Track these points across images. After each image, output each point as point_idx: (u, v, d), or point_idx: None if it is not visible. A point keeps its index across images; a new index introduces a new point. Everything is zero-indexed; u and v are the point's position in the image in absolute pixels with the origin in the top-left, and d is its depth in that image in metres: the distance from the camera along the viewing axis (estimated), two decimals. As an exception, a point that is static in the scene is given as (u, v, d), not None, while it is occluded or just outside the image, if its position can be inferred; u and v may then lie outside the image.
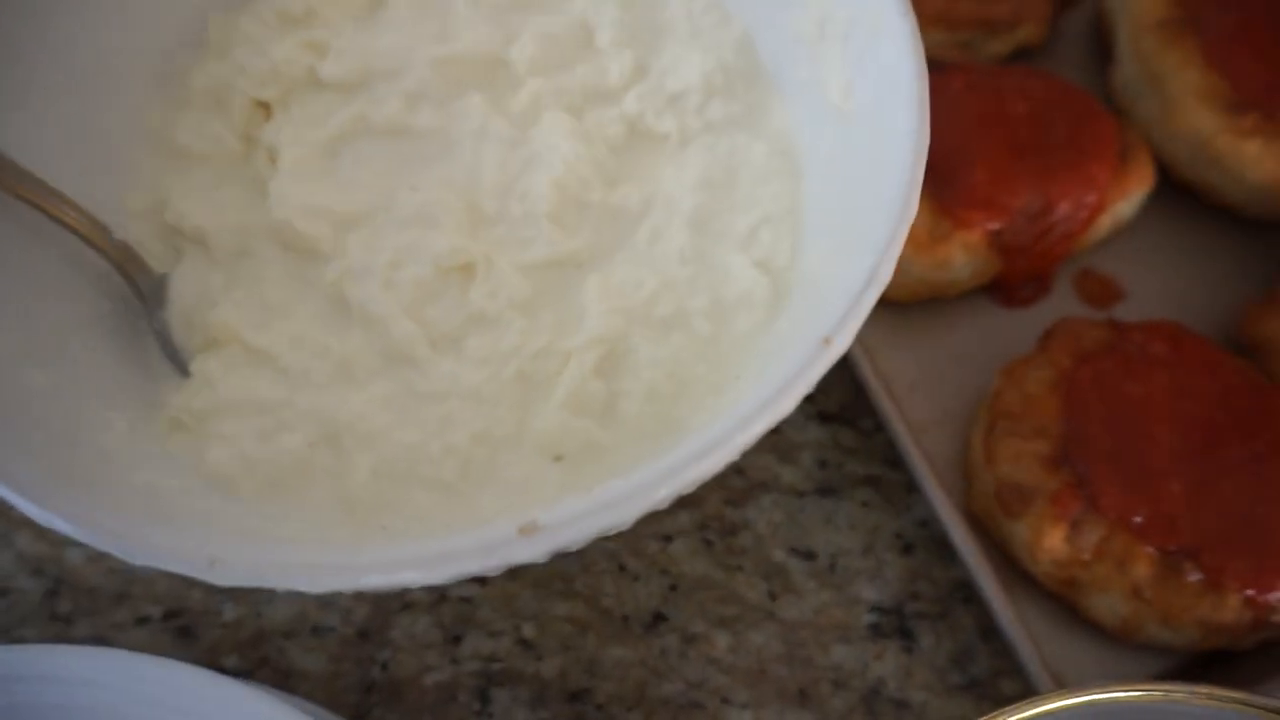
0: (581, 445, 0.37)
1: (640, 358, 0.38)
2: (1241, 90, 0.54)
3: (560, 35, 0.45)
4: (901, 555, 0.50)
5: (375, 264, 0.41)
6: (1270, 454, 0.45)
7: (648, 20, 0.46)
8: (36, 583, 0.49)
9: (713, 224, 0.43)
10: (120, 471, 0.33)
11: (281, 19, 0.45)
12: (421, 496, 0.36)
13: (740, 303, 0.40)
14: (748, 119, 0.45)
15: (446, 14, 0.46)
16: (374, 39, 0.45)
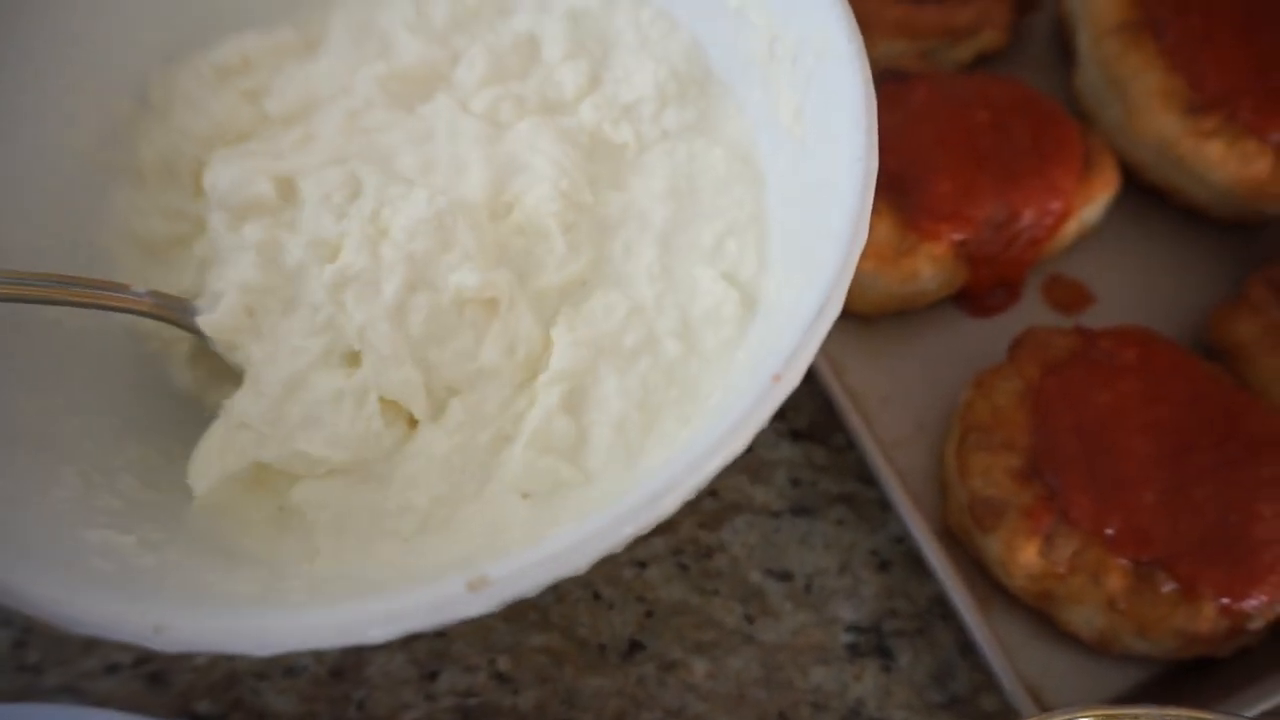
0: (550, 484, 0.36)
1: (608, 388, 0.38)
2: (1203, 92, 0.54)
3: (509, 50, 0.45)
4: (878, 573, 0.50)
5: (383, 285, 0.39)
6: (1242, 460, 0.45)
7: (595, 32, 0.46)
8: (4, 633, 0.49)
9: (680, 236, 0.42)
10: (68, 527, 0.32)
11: (219, 72, 0.44)
12: (381, 546, 0.35)
13: (708, 319, 0.39)
14: (703, 125, 0.44)
15: (386, 41, 0.45)
16: (314, 67, 0.45)
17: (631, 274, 0.41)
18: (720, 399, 0.37)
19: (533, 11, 0.46)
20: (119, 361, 0.43)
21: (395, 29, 0.45)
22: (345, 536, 0.36)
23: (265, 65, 0.45)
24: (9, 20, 0.41)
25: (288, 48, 0.45)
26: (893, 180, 0.52)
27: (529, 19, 0.45)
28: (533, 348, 0.39)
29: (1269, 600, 0.43)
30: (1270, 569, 0.43)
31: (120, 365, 0.43)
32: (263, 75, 0.44)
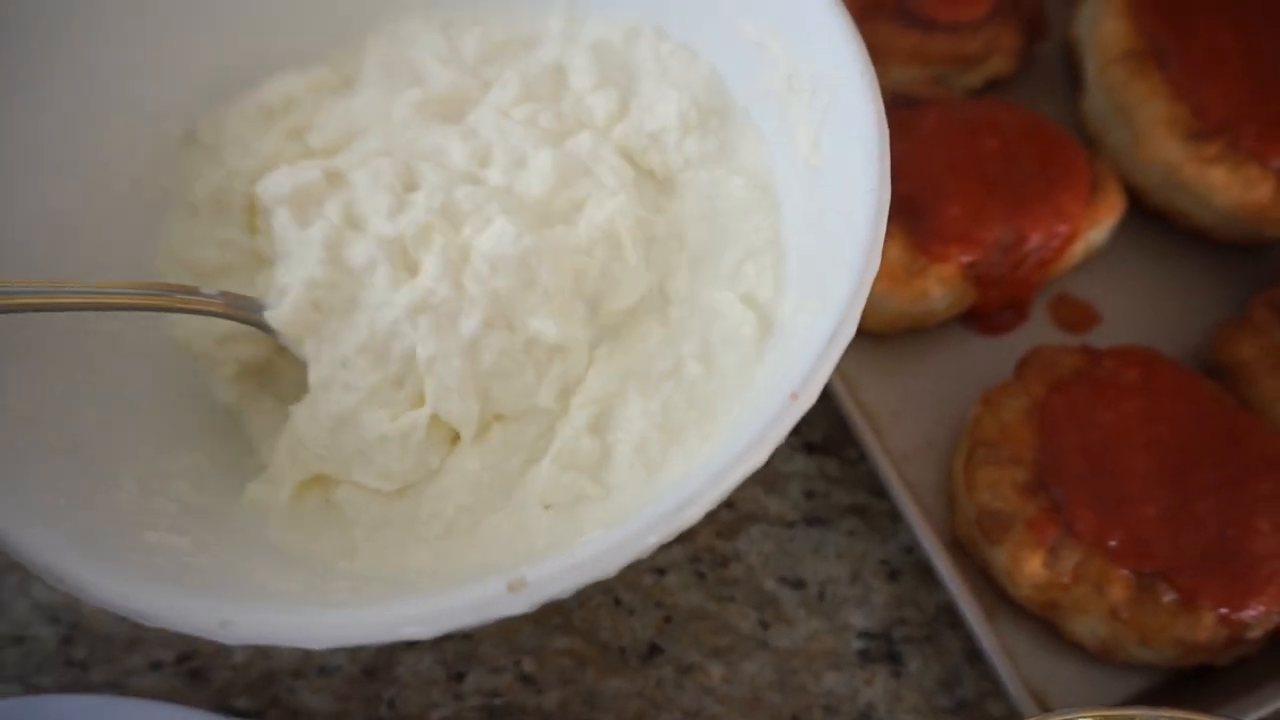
0: (571, 498, 0.38)
1: (633, 410, 0.40)
2: (1205, 119, 0.55)
3: (539, 75, 0.47)
4: (888, 582, 0.52)
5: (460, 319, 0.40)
6: (1241, 477, 0.47)
7: (619, 63, 0.48)
8: (52, 630, 0.51)
9: (703, 260, 0.44)
10: (132, 530, 0.35)
11: (264, 112, 0.47)
12: (413, 549, 0.38)
13: (728, 340, 0.41)
14: (723, 154, 0.46)
15: (418, 72, 0.48)
16: (352, 102, 0.47)
17: (668, 297, 0.43)
18: (739, 416, 0.39)
19: (559, 43, 0.48)
20: (170, 375, 0.45)
21: (426, 62, 0.47)
22: (382, 538, 0.39)
23: (306, 103, 0.47)
24: (74, 56, 0.43)
25: (326, 85, 0.48)
26: (904, 204, 0.54)
27: (555, 49, 0.48)
28: (579, 377, 0.41)
29: (1266, 611, 0.44)
30: (1267, 581, 0.44)
31: (171, 378, 0.45)
32: (304, 113, 0.47)
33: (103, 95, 0.45)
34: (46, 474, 0.36)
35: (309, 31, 0.49)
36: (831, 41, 0.38)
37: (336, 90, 0.48)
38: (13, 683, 0.49)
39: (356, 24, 0.49)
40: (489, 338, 0.39)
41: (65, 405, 0.39)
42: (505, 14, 0.49)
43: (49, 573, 0.31)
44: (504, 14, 0.49)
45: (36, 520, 0.33)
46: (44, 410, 0.38)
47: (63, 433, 0.38)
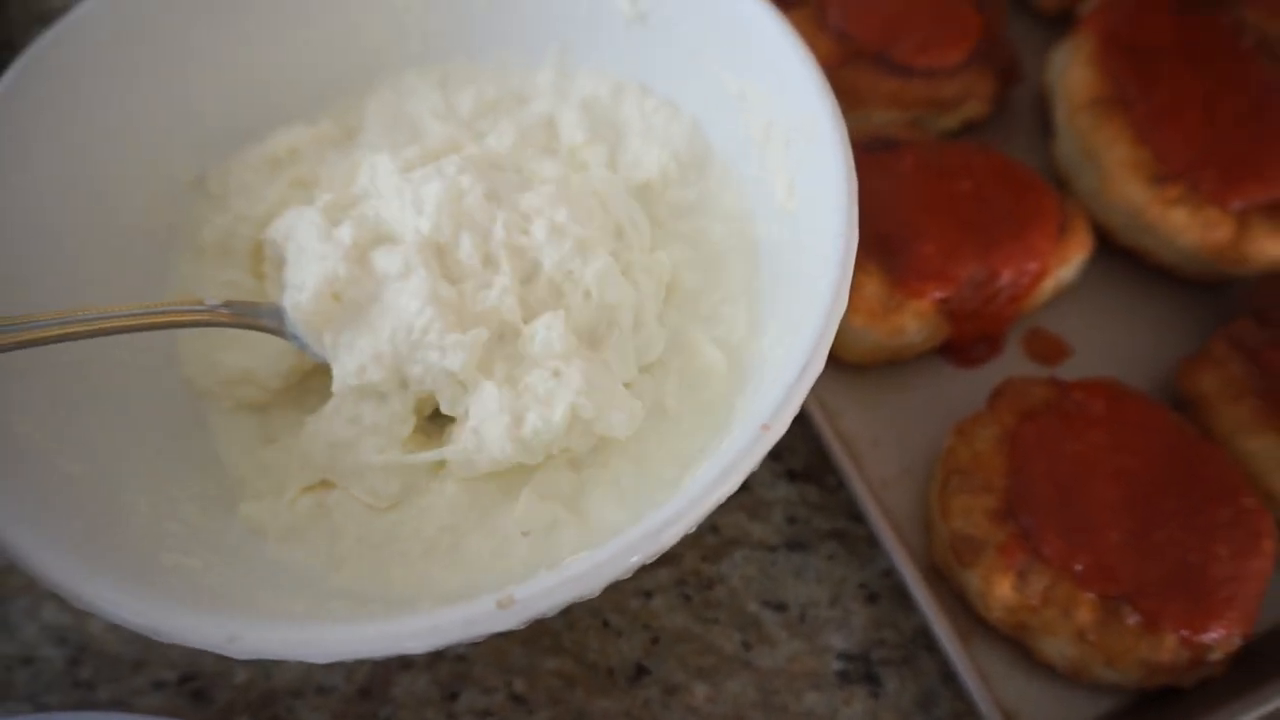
0: (548, 524, 0.40)
1: (612, 447, 0.42)
2: (1167, 163, 0.58)
3: (533, 127, 0.50)
4: (867, 605, 0.54)
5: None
6: (1202, 504, 0.49)
7: (606, 119, 0.51)
8: (60, 651, 0.53)
9: (684, 305, 0.47)
10: (145, 553, 0.37)
11: (270, 163, 0.50)
12: (396, 566, 0.40)
13: (702, 377, 0.44)
14: (704, 204, 0.49)
15: (417, 128, 0.51)
16: (351, 158, 0.50)
17: (645, 343, 0.46)
18: (716, 445, 0.41)
19: (550, 98, 0.51)
20: (179, 403, 0.48)
21: (423, 117, 0.50)
22: (367, 553, 0.41)
23: (310, 154, 0.50)
24: (92, 104, 0.46)
25: (329, 138, 0.51)
26: (881, 241, 0.57)
27: (547, 104, 0.51)
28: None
29: (1226, 634, 0.46)
30: (1226, 605, 0.46)
31: (180, 407, 0.48)
32: (309, 164, 0.50)
33: (116, 141, 0.48)
34: (64, 499, 0.38)
35: (313, 85, 0.52)
36: (805, 95, 0.41)
37: (339, 142, 0.51)
38: (22, 702, 0.51)
39: (358, 78, 0.52)
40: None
41: (80, 433, 0.41)
42: (499, 68, 0.52)
43: (68, 592, 0.33)
44: (498, 68, 0.52)
45: (56, 543, 0.35)
46: (61, 438, 0.40)
47: (78, 460, 0.40)
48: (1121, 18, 0.64)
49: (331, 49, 0.52)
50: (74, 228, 0.46)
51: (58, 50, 0.45)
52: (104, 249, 0.47)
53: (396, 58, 0.53)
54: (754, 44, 0.44)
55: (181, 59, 0.49)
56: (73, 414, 0.42)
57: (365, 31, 0.53)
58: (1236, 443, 0.53)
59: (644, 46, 0.51)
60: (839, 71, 0.66)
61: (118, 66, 0.47)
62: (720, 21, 0.46)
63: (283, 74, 0.51)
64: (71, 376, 0.43)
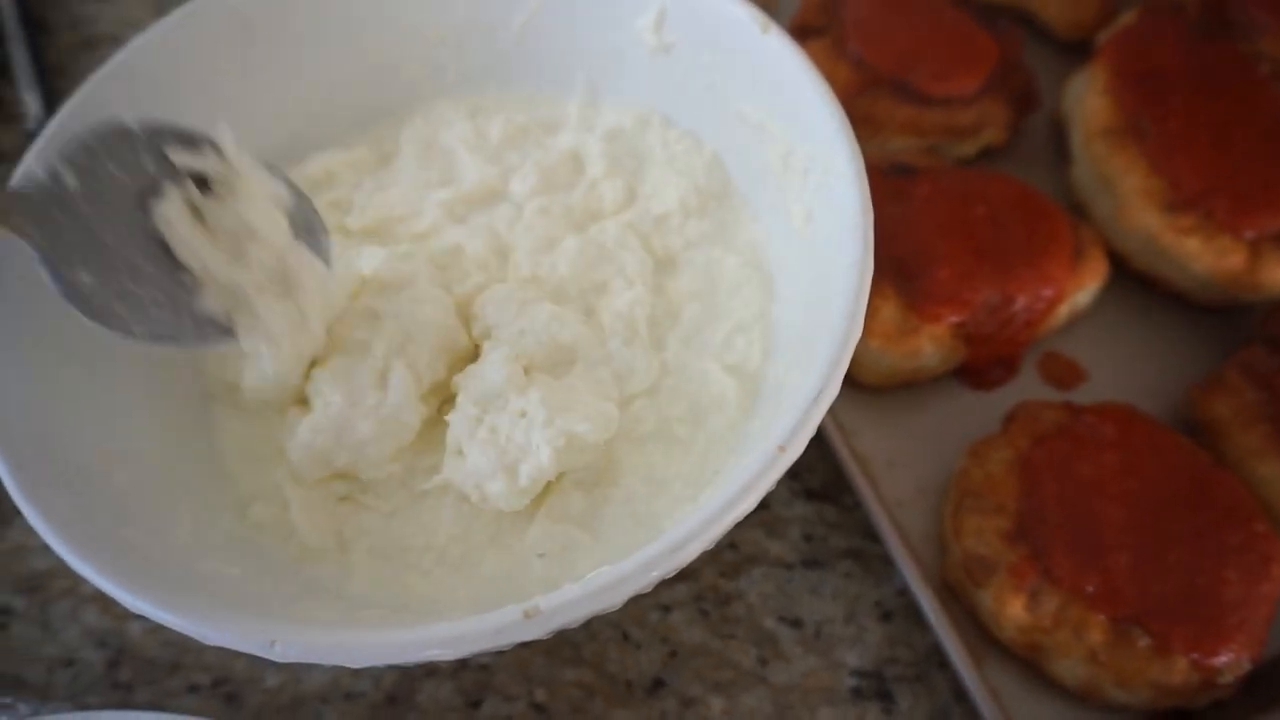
0: (563, 545, 0.42)
1: (622, 467, 0.44)
2: (1181, 191, 0.59)
3: (556, 166, 0.52)
4: (881, 622, 0.55)
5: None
6: (1212, 528, 0.50)
7: (629, 148, 0.53)
8: (100, 654, 0.55)
9: (697, 335, 0.49)
10: (190, 562, 0.39)
11: (308, 184, 0.52)
12: (412, 578, 0.41)
13: (715, 404, 0.46)
14: (720, 235, 0.51)
15: (449, 159, 0.53)
16: (387, 192, 0.52)
17: (648, 369, 0.47)
18: (732, 467, 0.43)
19: (577, 129, 0.53)
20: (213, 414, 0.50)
21: (456, 147, 0.53)
22: (379, 564, 0.42)
23: (347, 179, 0.52)
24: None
25: (364, 163, 0.53)
26: (898, 266, 0.58)
27: (573, 136, 0.53)
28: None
29: (1236, 657, 0.47)
30: (1237, 628, 0.47)
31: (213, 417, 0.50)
32: (345, 189, 0.52)
33: None
34: (115, 511, 0.40)
35: (352, 113, 0.54)
36: (824, 128, 0.43)
37: (374, 168, 0.53)
38: (64, 702, 0.53)
39: (394, 107, 0.54)
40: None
41: (126, 447, 0.44)
42: (528, 101, 0.54)
43: (121, 596, 0.35)
44: (527, 101, 0.54)
45: (108, 549, 0.37)
46: (110, 451, 0.43)
47: (126, 473, 0.42)
48: (1137, 47, 0.66)
49: (371, 81, 0.55)
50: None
51: (113, 83, 0.48)
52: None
53: (430, 89, 0.55)
54: (774, 77, 0.46)
55: (227, 94, 0.51)
56: (120, 427, 0.44)
57: (403, 65, 0.55)
58: (1248, 468, 0.53)
59: (668, 77, 0.53)
60: (857, 99, 0.67)
61: (165, 102, 0.49)
62: (742, 55, 0.48)
63: (325, 105, 0.54)
64: (118, 393, 0.45)
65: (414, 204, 0.51)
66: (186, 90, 0.51)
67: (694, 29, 0.50)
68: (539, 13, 0.54)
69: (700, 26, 0.49)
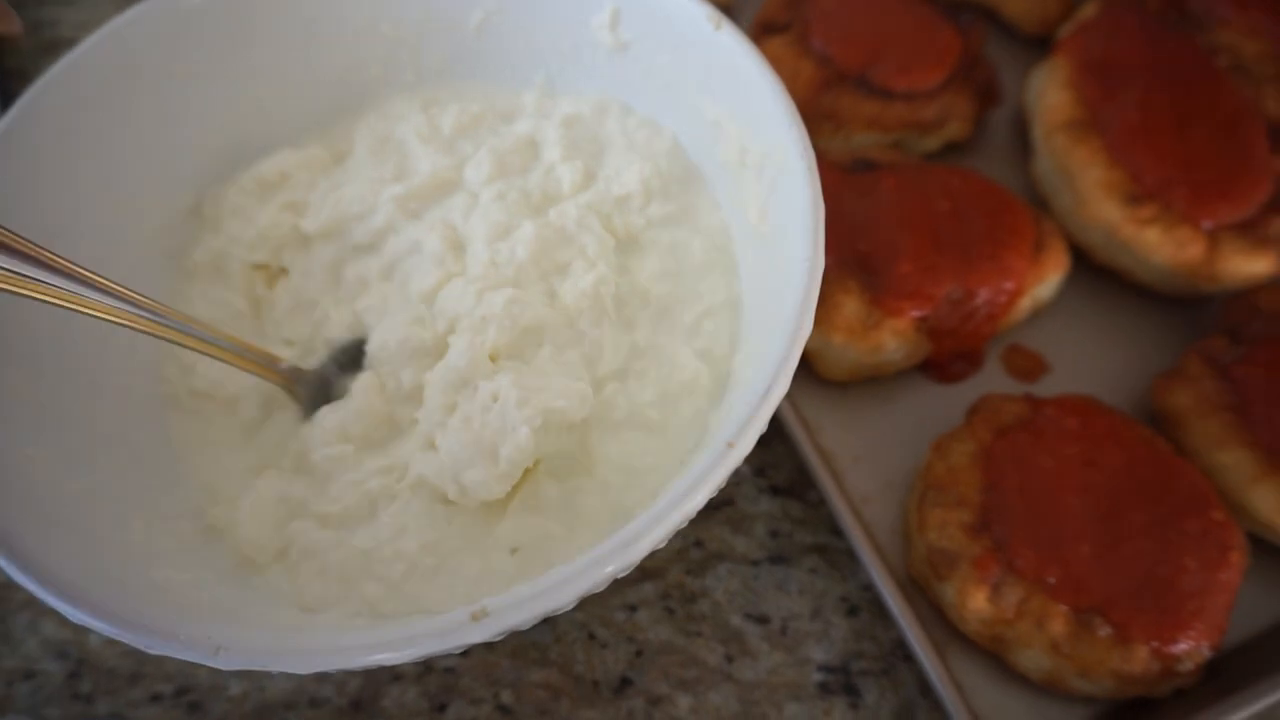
0: (537, 538, 0.42)
1: (595, 456, 0.43)
2: (1141, 183, 0.60)
3: (511, 151, 0.51)
4: (847, 617, 0.55)
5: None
6: (1171, 517, 0.50)
7: (588, 135, 0.52)
8: (60, 665, 0.54)
9: (666, 316, 0.48)
10: (139, 569, 0.38)
11: (261, 186, 0.52)
12: (370, 588, 0.41)
13: (685, 390, 0.45)
14: (683, 216, 0.50)
15: (403, 153, 0.52)
16: (341, 191, 0.51)
17: (626, 351, 0.47)
18: (693, 458, 0.43)
19: (533, 117, 0.53)
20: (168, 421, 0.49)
21: (409, 139, 0.52)
22: (330, 580, 0.42)
23: (301, 179, 0.52)
24: (97, 138, 0.48)
25: (318, 162, 0.52)
26: (861, 261, 0.58)
27: (530, 123, 0.52)
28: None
29: (1195, 644, 0.47)
30: (1195, 616, 0.47)
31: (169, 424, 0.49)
32: (299, 189, 0.51)
33: (119, 171, 0.50)
34: (63, 517, 0.39)
35: (306, 113, 0.54)
36: (776, 126, 0.42)
37: (328, 167, 0.53)
38: (24, 715, 0.53)
39: (351, 105, 0.54)
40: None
41: (80, 454, 0.43)
42: (484, 93, 0.54)
43: (62, 606, 0.34)
44: (482, 93, 0.54)
45: (52, 559, 0.36)
46: (63, 460, 0.42)
47: (79, 480, 0.42)
48: (1097, 41, 0.66)
49: (328, 81, 0.54)
50: (76, 257, 0.48)
51: (60, 88, 0.47)
52: (108, 264, 0.49)
53: (387, 88, 0.55)
54: (728, 74, 0.46)
55: (182, 93, 0.51)
56: (73, 435, 0.43)
57: (360, 65, 0.55)
58: (1208, 457, 0.54)
59: (626, 75, 0.53)
60: (821, 94, 0.67)
61: (118, 102, 0.49)
62: (696, 52, 0.47)
63: (280, 104, 0.53)
64: (71, 400, 0.45)
65: (368, 201, 0.51)
66: (138, 91, 0.50)
67: (649, 26, 0.50)
68: (497, 11, 0.54)
69: (655, 24, 0.49)
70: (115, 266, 0.49)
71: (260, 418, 0.49)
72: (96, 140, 0.49)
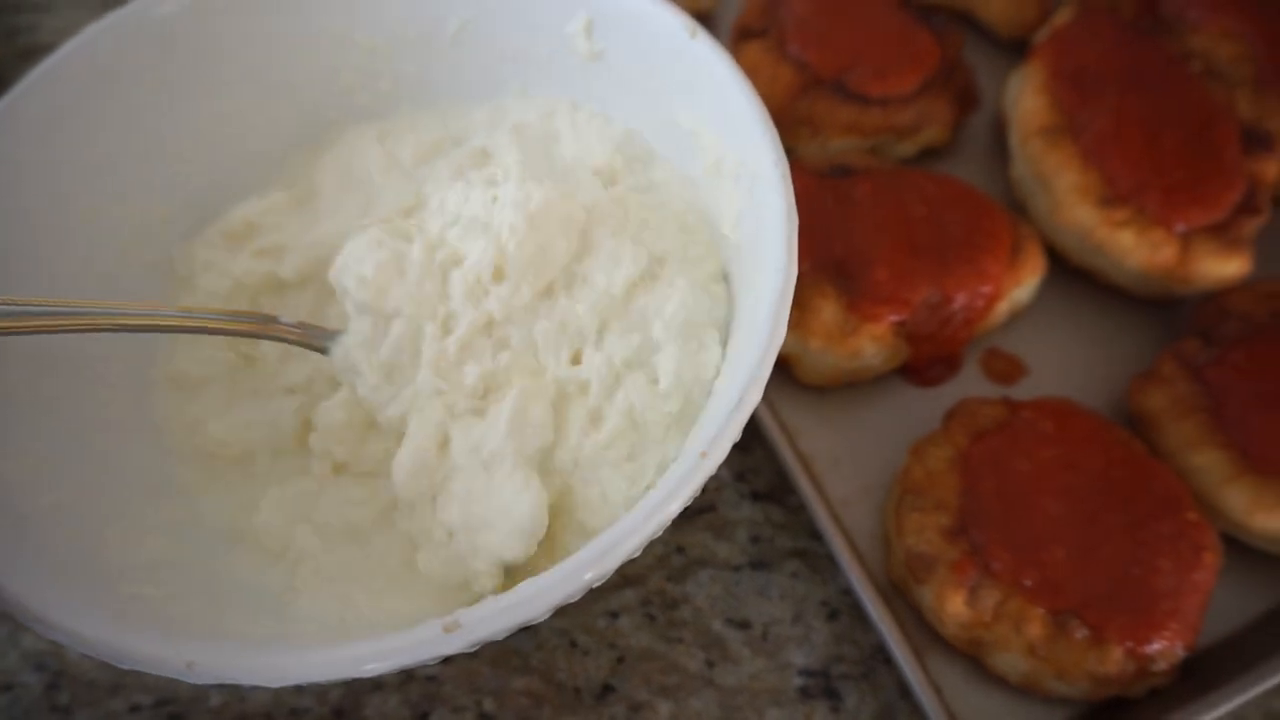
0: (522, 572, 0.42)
1: (575, 499, 0.43)
2: (1115, 187, 0.60)
3: (465, 161, 0.52)
4: (828, 622, 0.55)
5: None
6: (1146, 519, 0.50)
7: (539, 134, 0.52)
8: (39, 677, 0.54)
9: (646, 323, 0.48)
10: (111, 584, 0.38)
11: (229, 238, 0.51)
12: (356, 594, 0.41)
13: (698, 380, 0.45)
14: (652, 189, 0.50)
15: (366, 186, 0.52)
16: (313, 230, 0.51)
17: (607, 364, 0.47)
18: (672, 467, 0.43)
19: (485, 131, 0.53)
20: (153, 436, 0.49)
21: (371, 173, 0.52)
22: (324, 585, 0.42)
23: (268, 224, 0.52)
24: (58, 199, 0.48)
25: (282, 207, 0.52)
26: (839, 266, 0.59)
27: (482, 139, 0.53)
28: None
29: (1169, 645, 0.48)
30: (1169, 616, 0.48)
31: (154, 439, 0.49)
32: (269, 235, 0.51)
33: (77, 229, 0.49)
34: (36, 531, 0.39)
35: (267, 144, 0.54)
36: (750, 136, 0.43)
37: (293, 210, 0.53)
38: (1, 728, 0.52)
39: (305, 140, 0.54)
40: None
41: (55, 469, 0.43)
42: (438, 118, 0.54)
43: (37, 622, 0.34)
44: (437, 118, 0.54)
45: (25, 573, 0.36)
46: (37, 474, 0.42)
47: (53, 495, 0.42)
48: (1071, 46, 0.66)
49: (297, 99, 0.54)
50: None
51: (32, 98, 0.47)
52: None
53: (353, 111, 0.55)
54: (702, 83, 0.46)
55: (135, 154, 0.50)
56: (46, 450, 0.43)
57: (336, 74, 0.55)
58: (1183, 458, 0.54)
59: (602, 84, 0.53)
60: (799, 100, 0.68)
61: (65, 161, 0.48)
62: (671, 60, 0.48)
63: (244, 135, 0.53)
64: (44, 411, 0.44)
65: (341, 239, 0.51)
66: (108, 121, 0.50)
67: (623, 35, 0.50)
68: (472, 20, 0.54)
69: (629, 33, 0.49)
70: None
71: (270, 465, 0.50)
72: (57, 205, 0.48)
